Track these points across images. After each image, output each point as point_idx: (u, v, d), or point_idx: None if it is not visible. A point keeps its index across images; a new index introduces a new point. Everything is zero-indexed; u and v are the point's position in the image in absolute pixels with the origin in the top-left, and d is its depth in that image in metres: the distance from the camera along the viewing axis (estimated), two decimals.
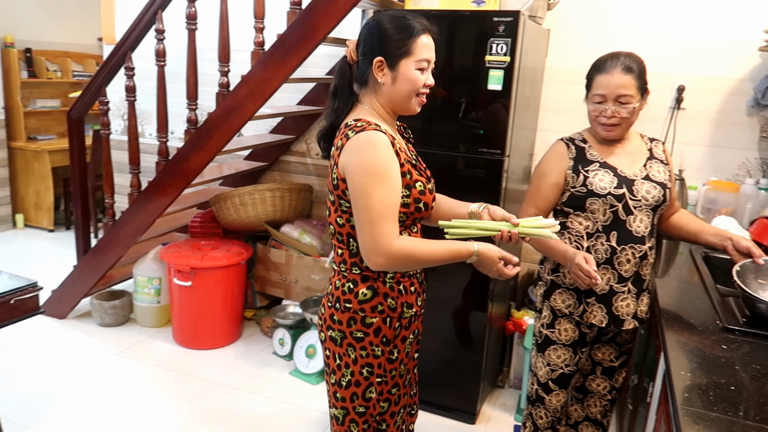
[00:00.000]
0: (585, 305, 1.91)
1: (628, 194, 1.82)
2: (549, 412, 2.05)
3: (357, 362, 1.59)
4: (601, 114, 1.82)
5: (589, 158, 1.88)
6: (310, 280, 3.41)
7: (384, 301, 1.57)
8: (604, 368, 2.08)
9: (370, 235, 1.45)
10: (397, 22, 1.50)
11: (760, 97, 2.67)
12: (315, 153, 3.75)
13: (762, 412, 1.23)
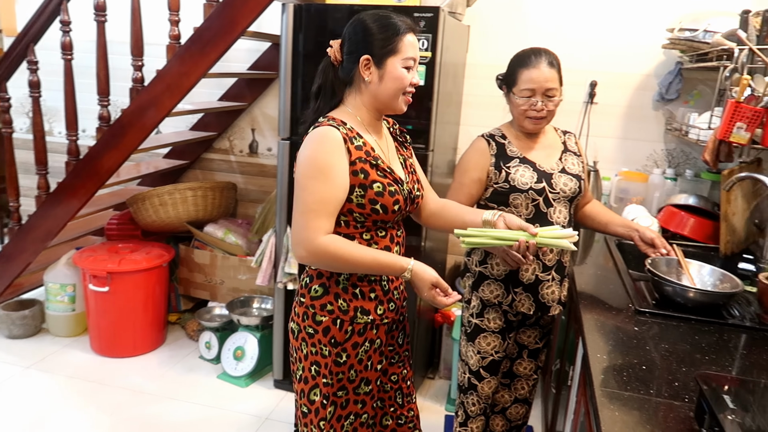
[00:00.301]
0: (513, 295, 1.96)
1: (548, 188, 1.88)
2: (481, 399, 2.10)
3: (307, 358, 1.59)
4: (531, 107, 1.86)
5: (510, 154, 1.92)
6: (236, 281, 3.33)
7: (335, 302, 1.55)
8: (530, 351, 2.15)
9: (297, 226, 1.47)
10: (382, 20, 1.51)
11: (664, 92, 2.83)
12: (239, 150, 3.65)
13: (671, 389, 1.31)
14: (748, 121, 1.88)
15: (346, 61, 1.54)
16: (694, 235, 2.48)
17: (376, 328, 1.60)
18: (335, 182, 1.45)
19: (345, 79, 1.56)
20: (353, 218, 1.52)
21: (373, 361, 1.63)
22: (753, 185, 2.27)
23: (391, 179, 1.54)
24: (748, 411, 1.04)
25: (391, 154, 1.63)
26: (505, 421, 2.25)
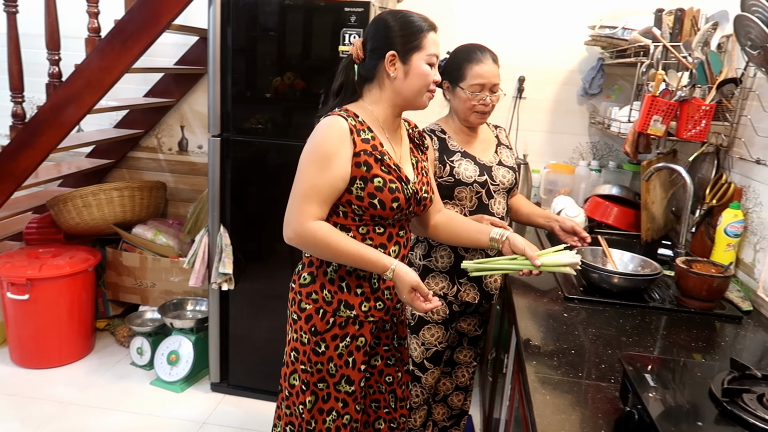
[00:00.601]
0: (458, 285, 2.00)
1: (489, 180, 1.95)
2: (425, 389, 2.13)
3: (290, 343, 1.64)
4: (479, 102, 1.90)
5: (451, 149, 1.96)
6: (168, 283, 3.22)
7: (320, 291, 1.57)
8: (470, 338, 2.20)
9: (290, 207, 1.50)
10: (405, 17, 1.53)
11: (588, 87, 2.95)
12: (167, 148, 3.53)
13: (598, 371, 1.36)
14: (664, 114, 1.98)
15: (368, 59, 1.55)
16: (617, 223, 2.60)
17: (359, 325, 1.59)
18: (334, 171, 1.46)
19: (367, 76, 1.57)
20: (351, 210, 1.52)
21: (356, 360, 1.60)
22: (669, 175, 2.40)
23: (395, 176, 1.52)
24: (668, 388, 1.10)
25: (403, 153, 1.63)
26: (447, 409, 2.30)
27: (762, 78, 1.86)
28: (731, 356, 1.16)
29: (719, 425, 0.98)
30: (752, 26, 1.68)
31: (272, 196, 2.70)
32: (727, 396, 1.02)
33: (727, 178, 2.08)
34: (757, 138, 1.91)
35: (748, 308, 1.77)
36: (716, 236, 1.96)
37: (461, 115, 1.96)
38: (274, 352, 2.83)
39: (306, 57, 2.55)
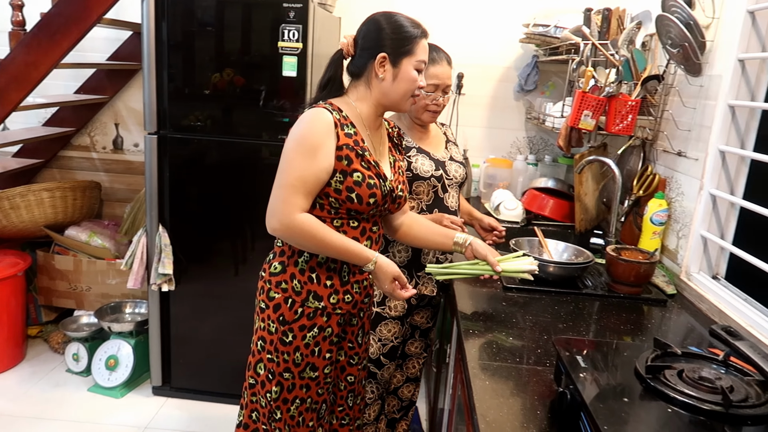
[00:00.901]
0: (416, 279, 2.04)
1: (444, 174, 2.01)
2: (380, 385, 2.16)
3: (256, 332, 1.64)
4: (432, 102, 1.96)
5: (407, 144, 2.00)
6: (105, 286, 3.11)
7: (289, 281, 1.57)
8: (422, 330, 2.25)
9: (275, 198, 1.50)
10: (400, 22, 1.56)
11: (524, 83, 3.04)
12: (101, 146, 3.41)
13: (535, 356, 1.42)
14: (594, 109, 2.08)
15: (359, 56, 1.57)
16: (553, 215, 2.70)
17: (327, 316, 1.60)
18: (319, 162, 1.47)
19: (355, 73, 1.59)
20: (328, 202, 1.53)
21: (322, 349, 1.62)
22: (600, 167, 2.51)
23: (374, 173, 1.55)
24: (598, 368, 1.16)
25: (382, 151, 1.67)
26: (397, 401, 2.34)
27: (682, 75, 1.97)
28: (656, 336, 1.23)
29: (643, 400, 1.04)
30: (672, 26, 1.78)
31: (213, 194, 2.66)
32: (651, 373, 1.09)
33: (652, 169, 2.20)
34: (678, 131, 2.02)
35: (672, 292, 1.88)
36: (643, 225, 2.07)
37: (414, 113, 2.01)
38: (219, 353, 2.79)
39: (245, 53, 2.52)
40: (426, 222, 1.84)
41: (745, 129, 1.77)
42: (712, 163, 1.80)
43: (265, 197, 1.53)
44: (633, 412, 1.01)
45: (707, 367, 1.12)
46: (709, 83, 1.86)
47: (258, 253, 2.70)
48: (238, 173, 2.63)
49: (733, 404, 0.98)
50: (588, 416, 1.00)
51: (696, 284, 1.85)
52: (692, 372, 1.07)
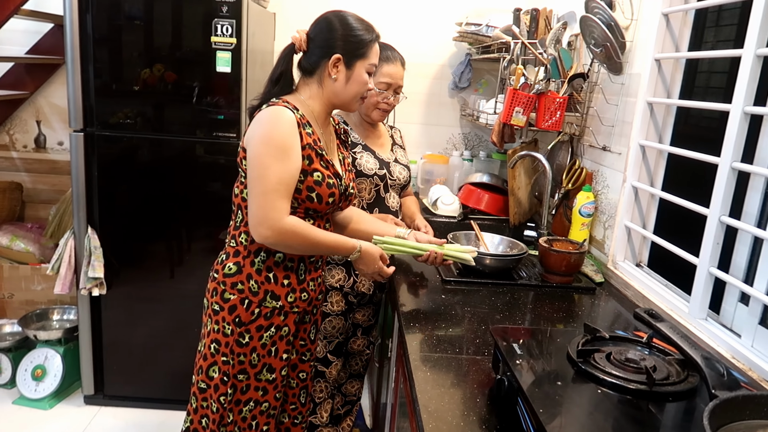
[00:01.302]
0: (354, 277, 2.05)
1: (388, 174, 2.04)
2: (329, 383, 2.16)
3: (209, 335, 1.59)
4: (383, 100, 1.98)
5: (353, 140, 2.00)
6: (30, 292, 2.96)
7: (246, 282, 1.55)
8: (364, 328, 2.26)
9: (260, 206, 1.45)
10: (358, 24, 1.56)
11: (458, 81, 3.11)
12: (22, 145, 3.22)
13: (474, 346, 1.47)
14: (524, 106, 2.15)
15: (312, 54, 1.55)
16: (488, 209, 2.78)
17: (284, 315, 1.60)
18: (293, 162, 1.46)
19: (307, 70, 1.57)
20: None
21: (279, 349, 1.61)
22: (532, 162, 2.61)
23: (332, 172, 1.57)
24: (533, 355, 1.22)
25: (333, 149, 1.67)
26: (341, 397, 2.34)
27: (605, 73, 2.07)
28: (585, 322, 1.30)
29: (576, 383, 1.10)
30: (595, 26, 1.87)
31: (146, 194, 2.58)
32: (581, 357, 1.14)
33: (580, 163, 2.30)
34: (602, 127, 2.13)
35: (601, 280, 1.98)
36: (572, 217, 2.16)
37: (364, 110, 2.02)
38: (155, 358, 2.71)
39: (177, 48, 2.45)
40: (372, 218, 1.89)
41: (663, 124, 1.88)
42: (634, 156, 1.91)
43: (200, 196, 1.51)
44: (566, 394, 1.06)
45: (633, 349, 1.19)
46: (630, 81, 1.97)
47: (194, 254, 2.64)
48: (172, 171, 2.56)
49: (656, 382, 1.05)
50: (525, 401, 1.05)
51: (622, 272, 1.95)
52: (619, 354, 1.14)
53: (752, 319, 1.40)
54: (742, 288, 1.44)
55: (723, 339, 1.44)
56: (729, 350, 1.41)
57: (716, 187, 1.49)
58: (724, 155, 1.46)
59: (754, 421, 0.86)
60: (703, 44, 1.90)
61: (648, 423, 0.99)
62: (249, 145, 1.48)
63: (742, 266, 1.50)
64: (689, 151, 1.66)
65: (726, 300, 1.54)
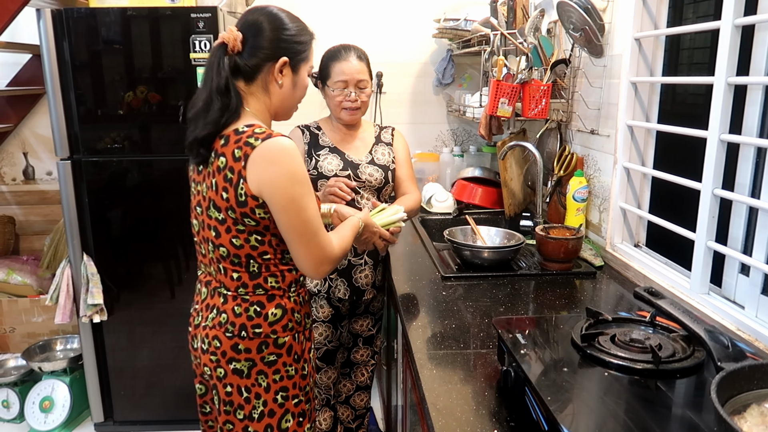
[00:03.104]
0: (330, 282, 2.02)
1: (353, 176, 1.99)
2: (321, 390, 2.14)
3: (270, 389, 1.43)
4: (345, 99, 1.95)
5: (321, 144, 2.02)
6: (31, 325, 2.94)
7: (292, 317, 1.44)
8: (365, 338, 2.24)
9: (318, 246, 1.37)
10: (297, 23, 1.43)
11: (441, 77, 3.11)
12: (11, 178, 3.21)
13: (478, 340, 1.46)
14: (509, 96, 2.15)
15: (251, 57, 1.35)
16: (483, 202, 2.78)
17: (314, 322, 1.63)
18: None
19: (248, 75, 1.37)
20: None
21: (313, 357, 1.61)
22: (522, 152, 2.60)
23: None
24: (538, 343, 1.21)
25: None
26: (351, 410, 2.32)
27: (586, 57, 2.07)
28: (587, 306, 1.29)
29: (582, 368, 1.09)
30: (572, 11, 1.87)
31: (139, 216, 2.57)
32: (586, 341, 1.14)
33: (569, 149, 2.30)
34: (588, 111, 2.13)
35: (600, 263, 1.98)
36: (567, 203, 2.16)
37: (333, 112, 2.02)
38: (161, 380, 2.70)
39: (158, 68, 2.44)
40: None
41: (648, 103, 1.88)
42: (622, 138, 1.91)
43: None
44: (574, 380, 1.06)
45: (636, 329, 1.19)
46: (611, 63, 1.96)
47: (192, 272, 2.63)
48: (163, 192, 2.55)
49: (663, 360, 1.04)
50: (532, 391, 1.04)
51: (620, 254, 1.95)
52: (623, 335, 1.14)
53: (754, 290, 1.40)
54: (741, 259, 1.44)
55: (727, 312, 1.44)
56: (734, 322, 1.41)
57: (707, 161, 1.49)
58: (712, 128, 1.46)
59: (763, 390, 0.86)
60: (684, 21, 1.90)
61: (658, 401, 0.98)
62: (271, 189, 1.29)
63: (739, 237, 1.50)
64: (677, 128, 1.66)
65: (726, 273, 1.54)
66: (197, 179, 1.43)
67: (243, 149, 1.30)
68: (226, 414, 1.45)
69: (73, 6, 2.44)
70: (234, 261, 1.39)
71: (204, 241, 1.43)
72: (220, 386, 1.43)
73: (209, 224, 1.38)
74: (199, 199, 1.42)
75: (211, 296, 1.46)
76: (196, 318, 1.49)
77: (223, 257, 1.39)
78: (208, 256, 1.44)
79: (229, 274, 1.40)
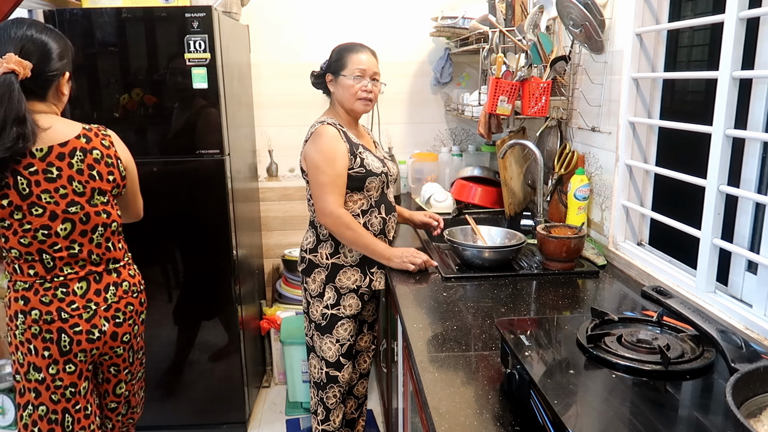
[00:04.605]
0: (370, 276, 2.06)
1: (388, 171, 2.05)
2: (342, 387, 2.15)
3: None
4: (362, 88, 1.95)
5: (354, 141, 1.98)
6: None
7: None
8: (369, 324, 2.28)
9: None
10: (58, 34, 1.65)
11: (439, 77, 3.08)
12: None
13: (481, 342, 1.43)
14: (508, 94, 2.12)
15: (50, 74, 1.60)
16: (482, 202, 2.75)
17: None
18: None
19: (38, 93, 1.61)
20: None
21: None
22: (522, 151, 2.58)
23: None
24: (542, 345, 1.18)
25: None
26: (354, 400, 2.33)
27: (587, 53, 2.05)
28: (592, 306, 1.26)
29: (588, 370, 1.06)
30: (572, 7, 1.84)
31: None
32: (591, 342, 1.11)
33: (570, 147, 2.27)
34: (589, 108, 2.10)
35: (603, 262, 1.95)
36: (568, 201, 2.13)
37: (347, 104, 1.99)
38: (156, 384, 2.66)
39: (153, 70, 2.41)
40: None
41: (650, 99, 1.85)
42: (624, 134, 1.88)
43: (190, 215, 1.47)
44: (580, 382, 1.03)
45: (643, 329, 1.16)
46: (612, 59, 1.94)
47: (189, 275, 2.60)
48: (159, 194, 2.51)
49: (671, 361, 1.01)
50: (537, 393, 1.01)
51: (623, 252, 1.92)
52: (630, 336, 1.10)
53: (762, 288, 1.37)
54: (748, 256, 1.41)
55: (734, 310, 1.41)
56: (742, 321, 1.38)
57: (712, 157, 1.46)
58: (717, 123, 1.43)
59: None
60: (681, 18, 1.87)
61: (667, 404, 0.95)
62: (129, 166, 1.78)
63: (745, 234, 1.47)
64: (680, 123, 1.63)
65: (733, 271, 1.51)
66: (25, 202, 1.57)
67: (106, 138, 1.69)
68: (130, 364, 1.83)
69: (65, 7, 2.41)
70: (120, 231, 1.76)
71: (86, 233, 1.64)
72: (135, 342, 1.81)
73: (97, 211, 1.66)
74: (63, 204, 1.59)
75: (96, 282, 1.69)
76: (86, 313, 1.66)
77: (114, 233, 1.71)
78: (93, 245, 1.66)
79: (116, 246, 1.73)
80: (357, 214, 2.00)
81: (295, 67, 3.00)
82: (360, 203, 2.00)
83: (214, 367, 2.66)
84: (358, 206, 2.00)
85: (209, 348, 2.65)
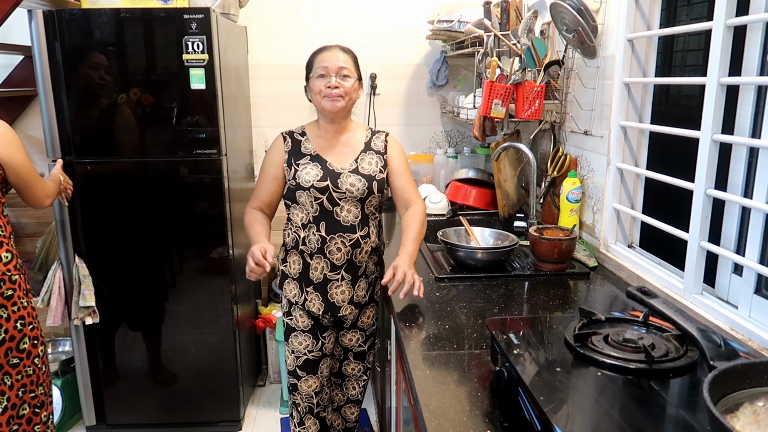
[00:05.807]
0: (306, 294, 1.94)
1: (332, 186, 1.86)
2: (303, 397, 2.05)
3: (10, 319, 1.95)
4: (325, 86, 1.83)
5: (303, 152, 1.91)
6: None
7: (18, 260, 2.04)
8: (355, 353, 2.15)
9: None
10: None
11: (435, 79, 3.11)
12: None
13: (472, 341, 1.45)
14: (503, 97, 2.15)
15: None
16: (477, 204, 2.78)
17: None
18: None
19: None
20: None
21: None
22: (516, 153, 2.61)
23: None
24: (531, 344, 1.21)
25: None
26: (341, 420, 2.27)
27: (580, 58, 2.08)
28: (580, 307, 1.29)
29: (575, 368, 1.09)
30: (565, 12, 1.87)
31: (131, 218, 2.55)
32: (579, 341, 1.14)
33: (563, 150, 2.30)
34: (582, 112, 2.13)
35: (594, 264, 1.98)
36: (560, 204, 2.16)
37: (317, 105, 1.90)
38: (154, 382, 2.68)
39: (151, 70, 2.42)
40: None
41: (641, 104, 1.88)
42: (616, 138, 1.91)
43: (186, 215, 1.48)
44: (567, 380, 1.05)
45: (630, 329, 1.19)
46: (605, 64, 1.97)
47: (186, 274, 2.62)
48: (156, 193, 2.54)
49: (656, 360, 1.04)
50: (525, 390, 1.03)
51: (614, 254, 1.95)
52: (616, 335, 1.13)
53: (747, 289, 1.40)
54: (734, 259, 1.44)
55: (720, 312, 1.44)
56: (727, 322, 1.41)
57: (699, 161, 1.49)
58: (704, 128, 1.46)
59: (755, 389, 0.86)
60: (677, 23, 1.90)
61: (652, 401, 0.98)
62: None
63: (732, 237, 1.50)
64: (670, 128, 1.66)
65: (720, 273, 1.54)
66: None
67: None
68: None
69: (65, 7, 2.43)
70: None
71: None
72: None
73: None
74: None
75: None
76: None
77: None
78: None
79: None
80: (298, 227, 1.91)
81: (291, 69, 3.02)
82: (300, 217, 1.91)
83: (209, 365, 2.68)
84: (299, 219, 1.91)
85: (205, 346, 2.66)
